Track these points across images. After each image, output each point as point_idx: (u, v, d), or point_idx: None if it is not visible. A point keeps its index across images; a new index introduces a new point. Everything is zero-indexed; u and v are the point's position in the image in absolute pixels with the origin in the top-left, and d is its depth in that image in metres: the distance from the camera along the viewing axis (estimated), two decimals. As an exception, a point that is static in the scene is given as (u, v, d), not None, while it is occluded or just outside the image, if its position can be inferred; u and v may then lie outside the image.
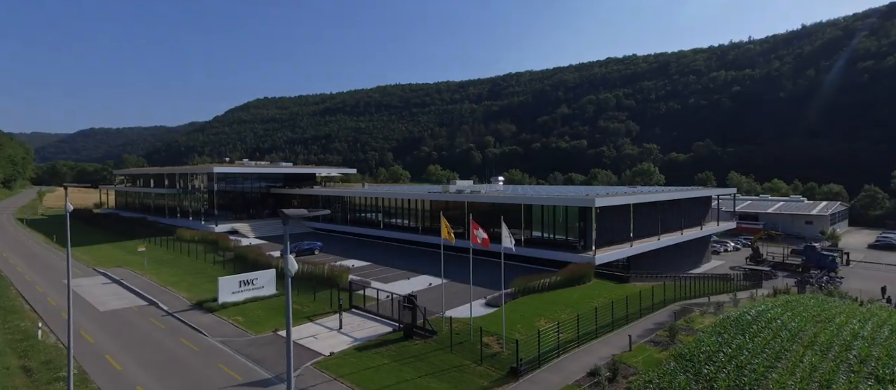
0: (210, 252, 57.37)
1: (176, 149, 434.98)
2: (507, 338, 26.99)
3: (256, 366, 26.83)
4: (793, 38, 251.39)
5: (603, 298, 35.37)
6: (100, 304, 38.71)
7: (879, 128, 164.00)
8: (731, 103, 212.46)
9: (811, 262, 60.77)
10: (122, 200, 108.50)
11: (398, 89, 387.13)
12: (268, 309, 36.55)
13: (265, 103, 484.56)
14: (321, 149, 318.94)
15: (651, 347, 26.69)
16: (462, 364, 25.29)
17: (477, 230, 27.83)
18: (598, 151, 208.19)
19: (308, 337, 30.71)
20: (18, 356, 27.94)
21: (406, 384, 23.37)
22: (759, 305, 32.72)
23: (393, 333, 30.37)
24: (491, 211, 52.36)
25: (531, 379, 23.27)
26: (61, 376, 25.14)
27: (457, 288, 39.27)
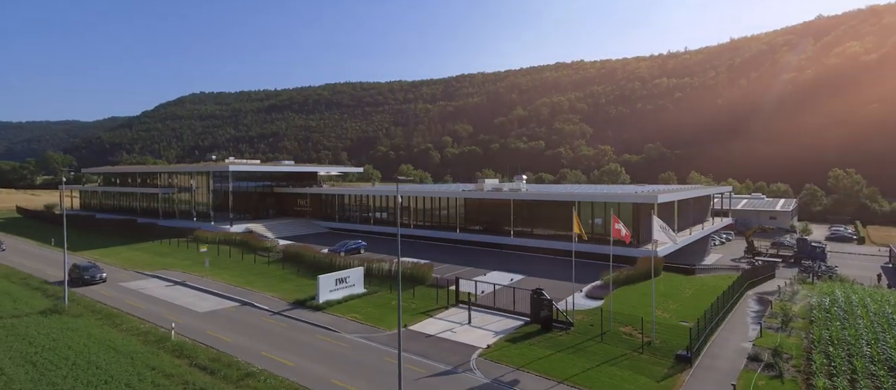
0: (248, 253, 56.22)
1: (98, 146, 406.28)
2: (646, 327, 29.50)
3: (423, 359, 27.86)
4: (724, 50, 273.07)
5: (689, 289, 38.89)
6: (191, 306, 37.85)
7: (805, 133, 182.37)
8: (675, 108, 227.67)
9: (802, 254, 67.87)
10: (94, 201, 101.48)
11: (349, 87, 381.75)
12: (375, 306, 37.27)
13: (202, 98, 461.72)
14: (269, 148, 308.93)
15: (773, 333, 30.15)
16: (623, 353, 27.35)
17: (617, 224, 30.22)
18: (555, 152, 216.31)
19: (445, 332, 31.95)
20: (179, 356, 27.36)
21: (593, 371, 25.17)
22: (830, 292, 37.35)
23: (527, 326, 32.08)
24: (537, 208, 55.01)
25: (702, 366, 25.65)
26: (252, 371, 25.17)
27: (539, 283, 40.51)
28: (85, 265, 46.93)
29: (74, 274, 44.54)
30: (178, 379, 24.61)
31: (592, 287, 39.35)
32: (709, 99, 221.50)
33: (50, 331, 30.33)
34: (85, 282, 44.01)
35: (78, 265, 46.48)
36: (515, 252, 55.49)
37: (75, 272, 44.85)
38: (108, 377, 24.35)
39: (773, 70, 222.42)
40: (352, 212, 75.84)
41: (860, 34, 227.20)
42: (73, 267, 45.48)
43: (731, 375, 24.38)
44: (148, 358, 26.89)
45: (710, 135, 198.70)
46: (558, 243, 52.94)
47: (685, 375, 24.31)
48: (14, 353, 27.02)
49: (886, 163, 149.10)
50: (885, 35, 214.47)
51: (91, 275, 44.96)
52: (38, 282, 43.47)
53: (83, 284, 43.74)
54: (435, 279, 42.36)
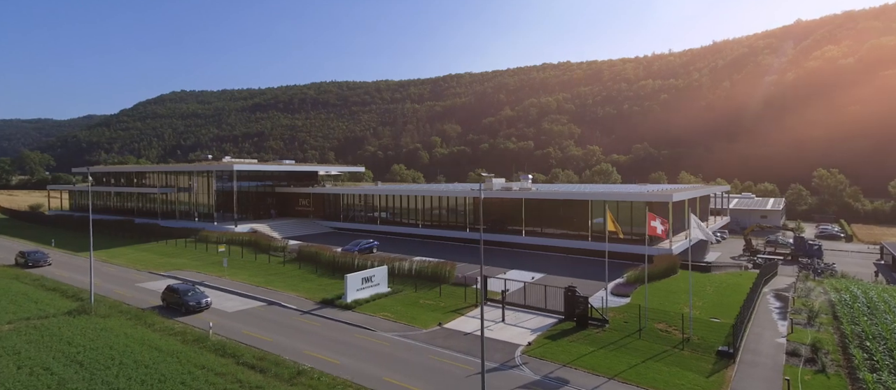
0: (259, 253, 55.87)
1: (75, 145, 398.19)
2: (677, 323, 30.22)
3: (468, 356, 28.12)
4: (707, 52, 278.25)
5: (710, 287, 39.84)
6: (218, 306, 37.58)
7: (788, 134, 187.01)
8: (661, 109, 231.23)
9: (800, 251, 69.80)
10: (85, 202, 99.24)
11: (335, 86, 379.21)
12: (404, 304, 37.46)
13: (183, 96, 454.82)
14: (254, 148, 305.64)
15: (802, 328, 31.11)
16: (664, 349, 27.89)
17: (654, 221, 30.88)
18: (544, 152, 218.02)
19: (480, 330, 32.22)
20: (222, 355, 27.21)
21: (640, 367, 25.63)
22: (845, 289, 38.63)
23: (561, 323, 32.58)
24: (549, 207, 55.65)
25: (744, 362, 26.29)
26: (303, 369, 25.21)
27: (559, 281, 40.77)
28: (183, 287, 36.93)
29: (171, 298, 36.09)
30: (231, 377, 24.54)
31: (616, 284, 40.01)
32: (694, 100, 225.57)
33: (84, 331, 29.90)
34: (189, 310, 34.96)
35: (175, 287, 36.79)
36: (527, 251, 56.05)
37: (172, 296, 36.10)
38: (160, 376, 24.17)
39: (756, 72, 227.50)
40: (356, 211, 75.65)
41: (838, 38, 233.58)
42: (168, 290, 36.67)
43: (774, 370, 25.15)
44: (192, 357, 26.73)
45: (696, 136, 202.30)
46: (570, 242, 53.69)
47: (731, 371, 24.99)
48: (57, 353, 26.60)
49: (866, 164, 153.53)
50: (861, 39, 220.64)
51: (196, 300, 35.58)
52: (53, 283, 42.54)
53: (188, 312, 34.93)
54: (458, 278, 42.69)
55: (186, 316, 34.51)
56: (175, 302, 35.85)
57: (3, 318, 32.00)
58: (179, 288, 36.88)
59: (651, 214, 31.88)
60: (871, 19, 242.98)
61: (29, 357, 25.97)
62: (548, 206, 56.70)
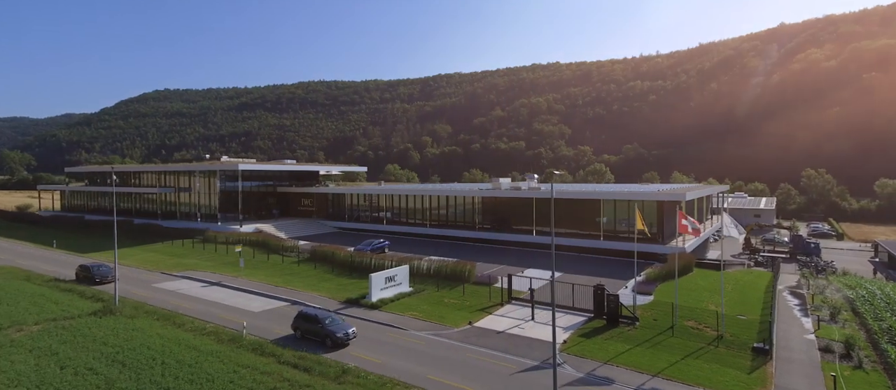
0: (268, 253, 55.47)
1: (54, 144, 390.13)
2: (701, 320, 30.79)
3: (506, 354, 28.33)
4: (693, 54, 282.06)
5: (728, 285, 40.52)
6: (243, 306, 37.48)
7: (774, 135, 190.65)
8: (650, 110, 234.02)
9: (799, 250, 71.28)
10: (78, 202, 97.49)
11: (323, 86, 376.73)
12: (429, 303, 37.62)
13: (167, 95, 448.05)
14: (241, 147, 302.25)
15: (827, 324, 31.91)
16: (700, 346, 28.41)
17: (684, 220, 31.41)
18: (536, 153, 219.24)
19: (513, 328, 32.55)
20: (261, 354, 27.14)
21: (681, 365, 26.06)
22: (861, 286, 39.67)
23: (592, 321, 32.93)
24: (561, 206, 56.12)
25: (780, 358, 26.90)
26: (347, 368, 25.14)
27: (577, 279, 40.24)
28: (321, 314, 30.85)
29: (307, 327, 30.04)
30: (276, 376, 24.48)
31: (637, 282, 40.51)
32: (682, 101, 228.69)
33: (116, 331, 29.54)
34: (336, 343, 28.85)
35: (311, 314, 30.74)
36: (538, 250, 56.42)
37: (308, 325, 30.05)
38: (206, 375, 24.02)
39: (742, 74, 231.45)
40: (362, 211, 75.42)
41: (820, 41, 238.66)
42: (302, 318, 30.62)
43: (811, 366, 25.81)
44: (232, 357, 26.59)
45: (685, 137, 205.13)
46: (582, 241, 54.19)
47: (770, 367, 25.55)
48: (95, 353, 26.26)
49: (849, 164, 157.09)
50: (842, 43, 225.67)
51: (343, 331, 29.45)
52: (68, 285, 41.82)
53: (335, 345, 28.79)
54: (478, 277, 42.90)
55: (332, 351, 27.99)
56: (313, 331, 29.65)
57: (30, 319, 31.44)
58: (318, 315, 30.49)
59: (681, 213, 32.41)
60: (852, 23, 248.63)
61: (68, 357, 25.60)
62: (559, 206, 57.13)
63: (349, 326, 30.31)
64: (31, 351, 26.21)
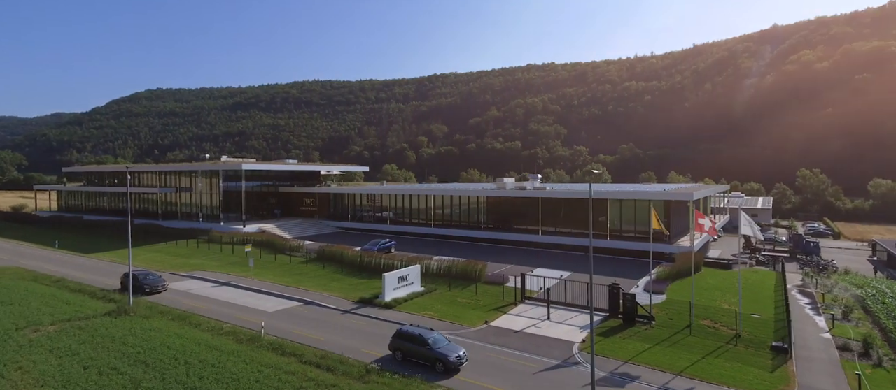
0: (274, 253, 55.23)
1: (44, 143, 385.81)
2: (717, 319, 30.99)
3: (526, 353, 28.38)
4: (688, 55, 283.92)
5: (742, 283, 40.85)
6: (256, 306, 37.33)
7: (768, 135, 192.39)
8: (645, 111, 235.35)
9: (798, 249, 71.96)
10: (75, 202, 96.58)
11: (318, 85, 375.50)
12: (443, 303, 37.65)
13: (160, 94, 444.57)
14: (236, 147, 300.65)
15: (840, 323, 32.26)
16: (718, 345, 28.51)
17: (701, 219, 31.64)
18: (532, 153, 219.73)
19: (529, 327, 32.63)
20: (282, 353, 27.05)
21: (702, 363, 26.17)
22: (869, 285, 40.13)
23: (608, 320, 33.04)
24: (566, 206, 56.34)
25: (799, 357, 27.10)
26: (370, 367, 25.08)
27: (586, 278, 40.47)
28: (425, 333, 27.01)
29: (409, 348, 26.69)
30: (301, 375, 24.45)
31: (648, 282, 40.74)
32: (677, 102, 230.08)
33: (133, 331, 29.35)
34: (448, 368, 25.49)
35: (412, 333, 27.21)
36: (545, 249, 56.65)
37: (411, 345, 26.68)
38: (231, 375, 23.94)
39: (736, 75, 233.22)
40: (365, 211, 75.29)
41: (812, 43, 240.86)
42: (401, 337, 27.29)
43: (831, 364, 26.10)
44: (254, 356, 26.51)
45: (680, 137, 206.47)
46: (589, 241, 54.34)
47: (791, 366, 25.78)
48: (116, 353, 26.10)
49: (842, 164, 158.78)
50: (833, 45, 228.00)
51: (455, 354, 25.98)
52: (76, 285, 41.45)
53: (447, 370, 25.43)
54: (489, 276, 42.98)
55: (444, 377, 24.91)
56: (419, 354, 26.15)
57: (45, 319, 31.16)
58: (422, 334, 26.78)
59: (698, 213, 32.63)
60: (843, 25, 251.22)
61: (90, 357, 25.42)
62: (564, 205, 57.36)
63: (459, 348, 26.62)
64: (51, 352, 25.99)
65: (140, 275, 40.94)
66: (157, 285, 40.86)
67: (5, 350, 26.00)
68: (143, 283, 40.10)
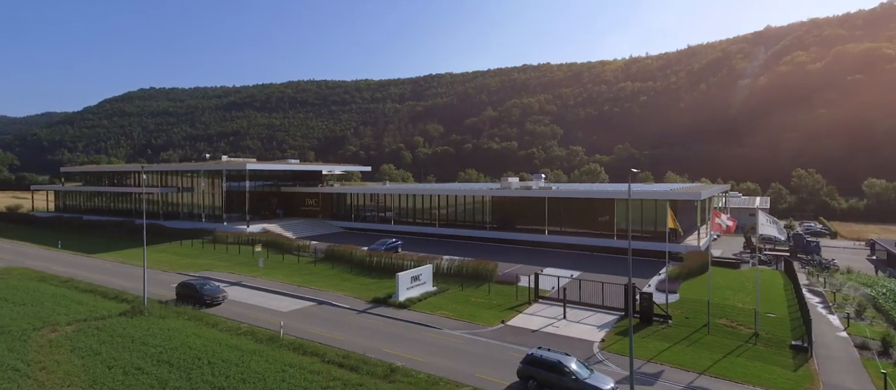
0: (284, 253, 55.03)
1: (35, 143, 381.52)
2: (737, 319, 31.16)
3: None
4: (682, 56, 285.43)
5: (748, 283, 41.24)
6: (271, 306, 37.22)
7: (762, 136, 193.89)
8: (641, 111, 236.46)
9: (799, 248, 72.56)
10: (73, 202, 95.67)
11: (313, 85, 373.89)
12: (456, 302, 37.70)
13: (152, 94, 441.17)
14: (230, 147, 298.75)
15: (855, 322, 32.57)
16: (738, 344, 28.61)
17: (718, 218, 31.85)
18: (528, 153, 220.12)
19: (547, 327, 32.72)
20: (303, 353, 26.97)
21: (724, 362, 26.30)
22: (879, 284, 40.57)
23: (624, 319, 33.07)
24: (573, 205, 56.51)
25: (820, 356, 27.25)
26: (394, 367, 25.11)
27: (597, 278, 39.71)
28: (551, 357, 24.02)
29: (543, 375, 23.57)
30: (326, 374, 24.39)
31: (660, 281, 40.99)
32: (672, 102, 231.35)
33: (152, 332, 29.16)
34: None
35: (543, 358, 24.07)
36: (551, 249, 56.75)
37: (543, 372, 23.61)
38: (256, 374, 23.87)
39: (730, 76, 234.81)
40: (368, 211, 75.15)
41: (805, 44, 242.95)
42: (534, 363, 24.10)
43: (852, 363, 26.37)
44: (276, 356, 26.43)
45: (676, 138, 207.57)
46: (595, 240, 54.62)
47: (812, 364, 25.99)
48: (138, 353, 25.92)
49: (835, 164, 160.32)
50: (826, 46, 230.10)
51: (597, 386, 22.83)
52: (87, 285, 41.07)
53: None
54: (500, 276, 43.04)
55: None
56: (560, 385, 23.06)
57: (61, 319, 30.90)
58: (560, 361, 23.52)
59: (715, 212, 32.87)
60: (835, 26, 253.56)
61: (113, 357, 25.24)
62: (572, 205, 57.54)
63: (609, 380, 23.28)
64: (72, 351, 25.78)
65: (197, 284, 37.42)
66: (217, 295, 36.85)
67: (26, 349, 25.77)
68: (201, 293, 36.27)
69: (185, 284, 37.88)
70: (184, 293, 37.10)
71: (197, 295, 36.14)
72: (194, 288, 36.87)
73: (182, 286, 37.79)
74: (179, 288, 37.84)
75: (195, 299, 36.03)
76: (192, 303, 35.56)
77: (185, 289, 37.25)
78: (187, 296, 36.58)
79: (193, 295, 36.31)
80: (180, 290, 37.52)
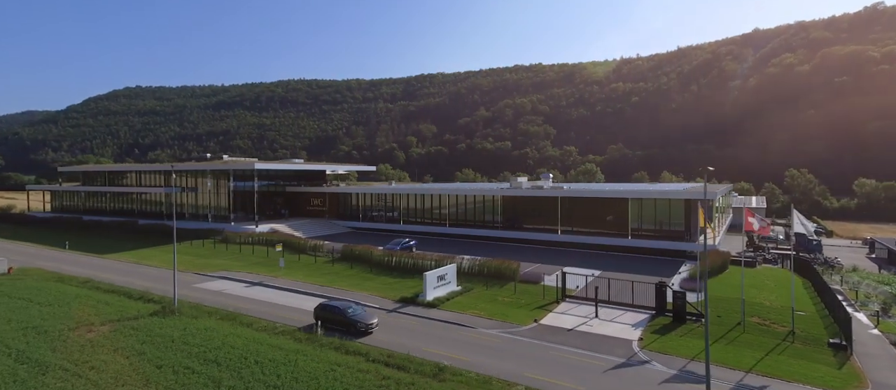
0: (298, 253, 54.57)
1: (16, 142, 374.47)
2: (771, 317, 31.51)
3: (587, 351, 28.51)
4: (673, 57, 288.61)
5: (769, 281, 41.82)
6: (299, 305, 37.01)
7: (752, 136, 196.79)
8: (632, 112, 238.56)
9: (801, 247, 73.70)
10: (71, 202, 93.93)
11: (304, 85, 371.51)
12: (485, 301, 37.81)
13: (138, 92, 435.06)
14: (220, 147, 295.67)
15: (885, 319, 33.19)
16: (776, 342, 28.97)
17: (751, 218, 32.26)
18: (522, 153, 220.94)
19: (581, 326, 32.83)
20: (346, 353, 26.84)
21: (767, 360, 26.61)
22: (890, 282, 41.38)
23: (657, 318, 33.33)
24: (585, 205, 56.85)
25: (859, 353, 27.71)
26: (441, 366, 25.07)
27: (615, 277, 39.77)
28: None
29: None
30: (375, 374, 24.29)
31: (681, 280, 41.37)
32: (663, 103, 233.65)
33: (190, 332, 28.82)
34: None
35: None
36: (565, 248, 57.00)
37: None
38: (307, 374, 23.70)
39: (721, 77, 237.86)
40: (375, 211, 74.85)
41: (793, 47, 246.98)
42: None
43: (892, 360, 26.78)
44: (320, 355, 26.29)
45: (668, 138, 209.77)
46: (609, 239, 54.98)
47: (854, 362, 26.39)
48: (182, 353, 25.60)
49: (824, 164, 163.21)
50: (813, 48, 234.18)
51: None
52: (108, 285, 40.37)
53: None
54: (523, 275, 43.15)
55: None
56: None
57: (94, 319, 30.33)
58: None
59: (748, 211, 33.30)
60: (822, 29, 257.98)
61: (158, 356, 24.90)
62: (584, 205, 57.86)
63: None
64: (115, 351, 25.34)
65: (342, 307, 31.81)
66: (369, 321, 30.88)
67: (70, 349, 25.29)
68: (352, 319, 30.58)
69: (327, 307, 32.18)
70: (326, 318, 31.49)
71: (345, 322, 30.68)
72: (340, 312, 31.34)
73: (322, 309, 32.17)
74: (319, 311, 32.21)
75: (342, 326, 30.63)
76: (340, 332, 30.05)
77: (327, 313, 31.66)
78: (330, 322, 31.08)
79: (340, 320, 30.89)
80: (321, 314, 31.95)
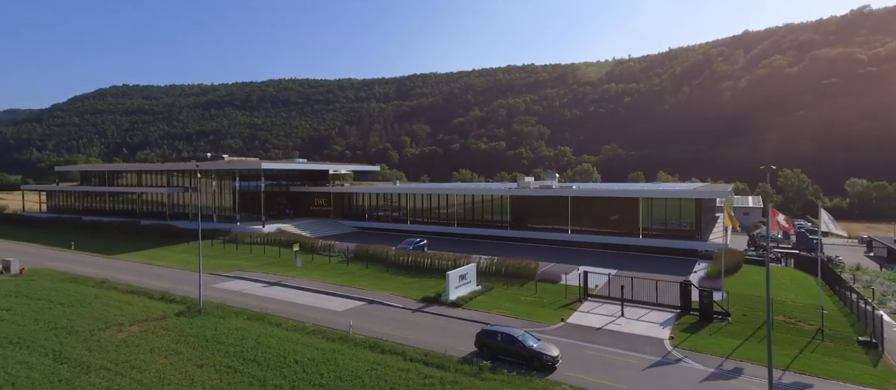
0: (311, 254, 54.18)
1: (1, 141, 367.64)
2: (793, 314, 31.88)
3: (620, 349, 28.60)
4: (665, 58, 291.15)
5: (786, 281, 42.32)
6: (322, 305, 36.76)
7: (745, 136, 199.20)
8: (626, 112, 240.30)
9: (802, 246, 74.73)
10: (68, 202, 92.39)
11: (295, 84, 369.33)
12: (507, 300, 37.92)
13: (126, 91, 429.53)
14: (210, 146, 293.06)
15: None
16: (806, 341, 29.21)
17: (777, 216, 32.55)
18: (516, 153, 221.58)
19: (608, 325, 32.93)
20: (382, 352, 26.75)
21: (801, 358, 26.87)
22: None
23: (683, 316, 33.55)
24: (595, 205, 57.14)
25: (890, 351, 28.04)
26: (481, 365, 24.87)
27: (632, 276, 39.55)
28: None
29: None
30: (415, 372, 24.28)
31: (700, 279, 41.71)
32: (656, 104, 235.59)
33: (222, 332, 28.53)
34: None
35: None
36: (576, 247, 57.18)
37: None
38: (350, 374, 23.63)
39: (712, 79, 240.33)
40: (381, 211, 74.59)
41: (782, 48, 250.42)
42: None
43: (921, 358, 27.23)
44: (357, 354, 26.29)
45: (661, 138, 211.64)
46: (620, 238, 55.28)
47: (887, 360, 26.74)
48: (220, 353, 25.41)
49: (814, 165, 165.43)
50: (802, 50, 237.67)
51: None
52: (126, 286, 39.74)
53: None
54: (541, 273, 43.24)
55: None
56: None
57: (123, 320, 29.87)
58: None
59: (774, 210, 33.59)
60: (810, 32, 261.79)
61: (196, 356, 24.73)
62: (594, 204, 58.13)
63: None
64: (151, 351, 24.99)
65: (509, 336, 26.30)
66: (553, 354, 25.48)
67: (105, 349, 24.93)
68: (532, 351, 25.28)
69: (492, 333, 26.78)
70: (492, 345, 26.34)
71: (523, 353, 25.48)
72: (513, 339, 25.95)
73: (487, 335, 26.83)
74: (484, 338, 27.01)
75: (518, 358, 25.52)
76: (519, 366, 25.06)
77: (495, 341, 26.35)
78: (500, 352, 26.01)
79: (513, 349, 25.74)
80: (486, 341, 26.77)
